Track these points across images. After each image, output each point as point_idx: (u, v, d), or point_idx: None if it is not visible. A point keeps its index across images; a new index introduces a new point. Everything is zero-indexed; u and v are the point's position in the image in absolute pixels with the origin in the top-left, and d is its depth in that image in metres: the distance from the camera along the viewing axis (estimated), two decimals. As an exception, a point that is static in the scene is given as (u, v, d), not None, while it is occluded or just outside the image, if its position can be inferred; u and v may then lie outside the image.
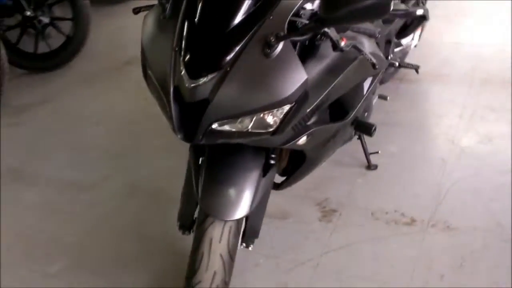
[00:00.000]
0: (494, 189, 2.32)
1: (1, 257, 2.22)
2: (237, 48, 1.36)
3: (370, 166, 2.50)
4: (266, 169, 1.63)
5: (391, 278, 1.95)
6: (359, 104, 1.83)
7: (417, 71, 2.57)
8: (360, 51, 1.52)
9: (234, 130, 1.40)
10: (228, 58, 1.36)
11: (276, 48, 1.34)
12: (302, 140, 1.56)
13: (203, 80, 1.37)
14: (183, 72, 1.38)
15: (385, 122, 2.81)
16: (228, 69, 1.35)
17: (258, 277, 2.02)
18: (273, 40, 1.32)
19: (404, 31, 2.68)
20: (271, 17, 1.37)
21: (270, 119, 1.39)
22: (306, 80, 1.38)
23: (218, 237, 1.52)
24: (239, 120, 1.39)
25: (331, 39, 1.42)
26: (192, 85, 1.37)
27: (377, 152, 2.49)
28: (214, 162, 1.58)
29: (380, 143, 2.64)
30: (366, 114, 2.05)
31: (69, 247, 2.25)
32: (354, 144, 2.46)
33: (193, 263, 1.55)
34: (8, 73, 3.26)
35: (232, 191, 1.52)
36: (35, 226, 2.40)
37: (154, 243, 2.22)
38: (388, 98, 2.47)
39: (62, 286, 2.06)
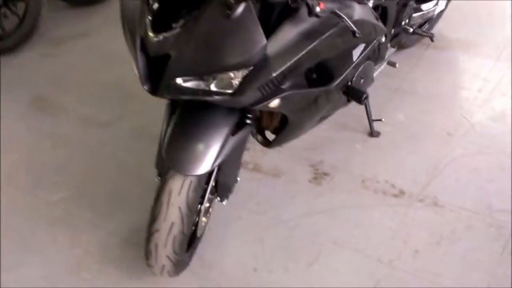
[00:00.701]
0: (494, 170, 2.19)
1: (14, 179, 2.34)
2: (200, 6, 1.32)
3: (372, 133, 2.41)
4: (240, 128, 1.60)
5: (365, 247, 1.92)
6: (346, 71, 1.73)
7: (431, 40, 2.40)
8: (340, 17, 1.42)
9: (197, 87, 1.37)
10: (191, 15, 1.32)
11: (236, 10, 1.28)
12: (275, 103, 1.51)
13: (165, 34, 1.34)
14: (148, 25, 1.36)
15: (399, 88, 2.69)
16: (190, 26, 1.31)
17: (237, 230, 2.03)
18: (232, 1, 1.26)
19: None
20: None
21: (230, 80, 1.36)
22: (265, 45, 1.32)
23: (178, 190, 1.52)
24: (203, 77, 1.35)
25: (307, 4, 1.33)
26: (155, 39, 1.35)
27: (381, 120, 2.39)
28: (184, 116, 1.55)
29: (390, 110, 2.55)
30: (362, 80, 1.94)
31: (74, 179, 2.33)
32: (362, 109, 2.37)
33: (153, 211, 1.56)
34: (46, 4, 3.29)
35: (195, 147, 1.49)
36: (48, 154, 2.49)
37: (152, 185, 2.26)
38: (397, 65, 2.33)
39: (60, 214, 2.16)
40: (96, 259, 1.96)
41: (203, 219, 1.81)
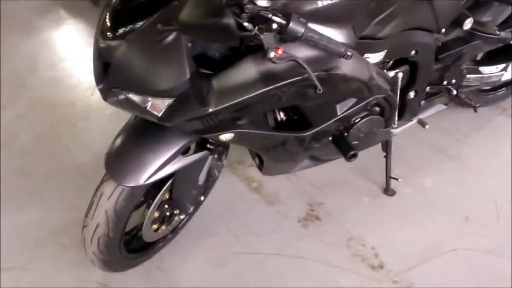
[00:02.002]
0: (492, 279, 1.84)
1: (83, 145, 2.49)
2: (142, 24, 1.25)
3: (387, 190, 2.16)
4: (198, 150, 1.52)
5: (313, 310, 1.76)
6: (326, 123, 1.53)
7: (474, 110, 2.02)
8: (303, 68, 1.24)
9: (136, 102, 1.28)
10: (133, 30, 1.26)
11: (166, 37, 1.19)
12: (226, 136, 1.39)
13: (108, 42, 1.28)
14: (98, 29, 1.31)
15: (444, 151, 2.34)
16: (129, 39, 1.25)
17: (207, 246, 1.98)
18: (159, 27, 1.18)
19: (494, 57, 2.08)
20: (176, 3, 1.21)
21: (159, 105, 1.27)
22: (187, 80, 1.21)
23: (108, 194, 1.48)
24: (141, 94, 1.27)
25: (263, 46, 1.18)
26: (100, 44, 1.29)
27: (397, 179, 2.11)
28: (136, 124, 1.49)
29: (421, 171, 2.25)
30: (361, 135, 1.73)
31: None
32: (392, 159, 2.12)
33: (88, 207, 1.56)
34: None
35: (133, 158, 1.42)
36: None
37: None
38: (427, 126, 2.01)
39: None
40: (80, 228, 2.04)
41: (155, 226, 1.76)
